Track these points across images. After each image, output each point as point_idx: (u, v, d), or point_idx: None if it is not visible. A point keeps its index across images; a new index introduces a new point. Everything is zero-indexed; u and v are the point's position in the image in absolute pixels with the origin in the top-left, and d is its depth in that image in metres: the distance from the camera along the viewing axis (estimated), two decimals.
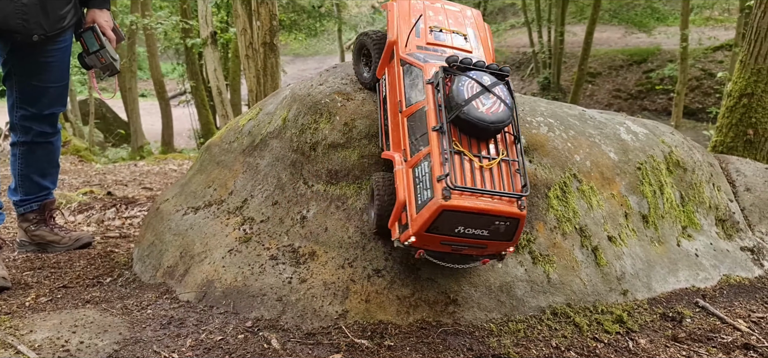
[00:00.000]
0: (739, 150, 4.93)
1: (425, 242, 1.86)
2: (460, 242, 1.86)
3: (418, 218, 1.82)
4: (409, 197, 1.90)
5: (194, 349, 1.91)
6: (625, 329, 2.16)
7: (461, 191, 1.76)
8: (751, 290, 2.57)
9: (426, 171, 1.85)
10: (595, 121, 2.79)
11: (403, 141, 2.03)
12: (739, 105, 4.97)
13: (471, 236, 1.83)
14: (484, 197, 1.79)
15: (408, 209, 1.89)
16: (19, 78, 2.86)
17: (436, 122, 1.87)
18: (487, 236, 1.84)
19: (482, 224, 1.81)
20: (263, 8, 5.74)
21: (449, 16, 2.31)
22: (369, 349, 1.93)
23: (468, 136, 1.90)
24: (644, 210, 2.58)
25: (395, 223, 1.97)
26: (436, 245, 1.87)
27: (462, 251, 1.91)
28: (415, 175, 1.91)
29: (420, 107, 1.97)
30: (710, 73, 20.19)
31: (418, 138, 1.95)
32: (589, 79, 21.59)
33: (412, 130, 1.99)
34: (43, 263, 2.92)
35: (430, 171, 1.83)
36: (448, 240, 1.85)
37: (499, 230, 1.83)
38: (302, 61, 28.17)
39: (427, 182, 1.84)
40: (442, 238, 1.84)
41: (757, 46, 4.84)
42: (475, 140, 1.91)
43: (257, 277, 2.20)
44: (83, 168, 7.45)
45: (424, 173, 1.86)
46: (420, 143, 1.93)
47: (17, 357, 1.80)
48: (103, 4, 2.93)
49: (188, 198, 2.67)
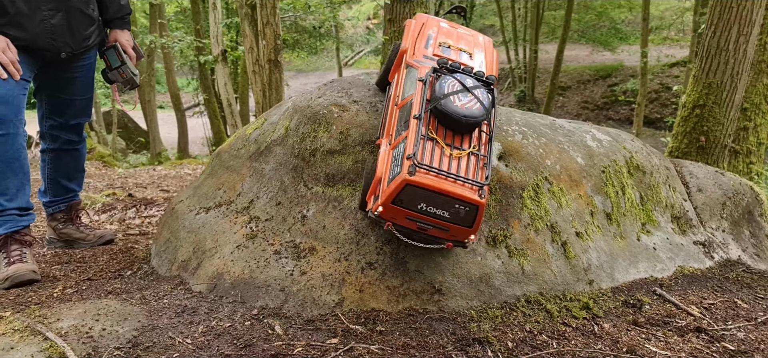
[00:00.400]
0: (693, 155, 4.96)
1: (392, 214, 1.89)
2: (423, 220, 1.88)
3: (387, 189, 1.86)
4: (384, 173, 1.94)
5: (206, 334, 1.90)
6: (591, 315, 2.16)
7: (427, 170, 1.80)
8: (702, 279, 2.58)
9: (401, 151, 1.89)
10: (564, 130, 2.79)
11: (392, 128, 2.07)
12: (693, 115, 5.00)
13: (433, 216, 1.86)
14: (448, 180, 1.82)
15: (382, 184, 1.93)
16: (48, 91, 2.85)
17: (417, 112, 1.93)
18: (449, 218, 1.86)
19: (444, 205, 1.84)
20: (268, 29, 5.73)
21: (461, 38, 2.34)
22: (363, 334, 1.92)
23: (445, 127, 1.95)
24: (608, 209, 2.58)
25: (371, 196, 2.00)
26: (402, 219, 1.90)
27: (426, 230, 1.92)
28: (393, 156, 1.95)
29: (409, 100, 2.02)
30: (667, 87, 20.29)
31: (402, 125, 2.00)
32: (560, 92, 21.66)
33: (400, 119, 2.04)
34: (69, 258, 2.91)
35: (403, 151, 1.87)
36: (411, 215, 1.88)
37: (460, 214, 1.86)
38: (304, 76, 28.15)
39: (399, 160, 1.88)
40: (407, 212, 1.87)
41: (708, 63, 4.87)
42: (451, 132, 1.96)
43: (262, 270, 2.19)
44: (107, 172, 7.42)
45: (399, 154, 1.90)
46: (402, 129, 1.98)
47: (45, 343, 1.78)
48: (124, 24, 2.94)
49: (200, 199, 2.66)
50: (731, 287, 2.55)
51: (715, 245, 2.82)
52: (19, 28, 2.52)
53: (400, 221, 1.92)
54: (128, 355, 1.77)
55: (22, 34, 2.53)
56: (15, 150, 2.51)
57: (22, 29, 2.53)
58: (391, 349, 1.85)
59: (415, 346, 1.87)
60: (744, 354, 2.00)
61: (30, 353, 1.73)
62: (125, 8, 2.93)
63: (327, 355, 1.79)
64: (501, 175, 2.35)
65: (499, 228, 2.27)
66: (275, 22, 5.76)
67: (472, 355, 1.85)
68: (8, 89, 2.46)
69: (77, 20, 2.69)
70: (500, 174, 2.36)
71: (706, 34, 4.90)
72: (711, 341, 2.07)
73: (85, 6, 2.72)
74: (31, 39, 2.57)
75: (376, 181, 1.96)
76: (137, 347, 1.81)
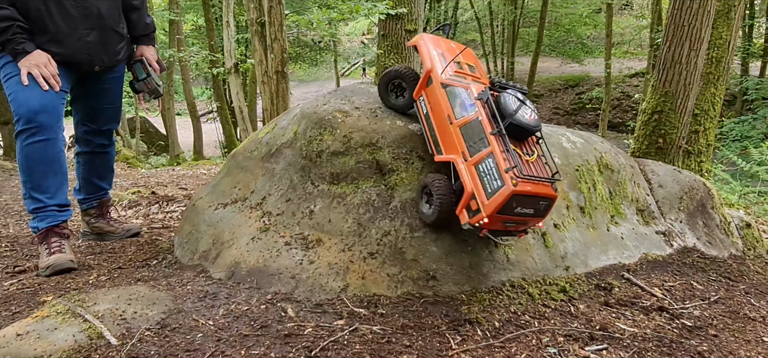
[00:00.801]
0: (652, 155, 4.99)
1: (493, 222, 1.87)
2: (514, 220, 1.89)
3: (491, 202, 1.83)
4: (476, 187, 1.90)
5: (226, 317, 1.90)
6: (567, 297, 2.17)
7: (524, 179, 1.81)
8: (664, 264, 2.59)
9: (491, 165, 1.86)
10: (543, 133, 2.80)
11: (460, 145, 2.01)
12: (652, 120, 5.02)
13: (523, 214, 1.87)
14: (535, 183, 1.83)
15: (477, 197, 1.89)
16: (83, 101, 2.86)
17: (492, 128, 1.91)
18: (532, 213, 1.88)
19: (532, 204, 1.86)
20: (276, 44, 5.69)
21: (463, 53, 2.34)
22: (366, 316, 1.92)
23: (513, 137, 1.94)
24: (581, 203, 2.59)
25: (463, 210, 1.96)
26: (498, 224, 1.89)
27: (511, 228, 1.94)
28: (479, 170, 1.91)
29: (473, 118, 1.98)
30: (628, 95, 20.41)
31: (476, 142, 1.95)
32: (534, 99, 21.72)
33: (469, 137, 1.98)
34: (101, 249, 2.89)
35: (495, 165, 1.85)
36: (508, 219, 1.87)
37: (541, 209, 1.89)
38: (306, 86, 28.11)
39: (495, 174, 1.85)
40: (505, 217, 1.86)
41: (665, 74, 4.89)
42: (517, 141, 1.95)
43: (275, 259, 2.19)
44: (131, 172, 7.37)
45: (489, 168, 1.87)
46: (480, 145, 1.93)
47: (85, 325, 1.77)
48: (150, 41, 2.95)
49: (218, 196, 2.64)
50: (688, 271, 2.56)
51: (674, 235, 2.83)
52: (60, 45, 2.54)
53: (496, 226, 1.90)
54: (158, 335, 1.76)
55: (62, 50, 2.55)
56: (55, 153, 2.52)
57: (62, 46, 2.54)
58: (391, 329, 1.84)
59: (412, 326, 1.87)
60: (700, 329, 2.02)
61: (72, 334, 1.72)
62: (150, 26, 2.94)
63: (334, 335, 1.79)
64: None
65: None
66: (282, 38, 5.72)
67: (463, 334, 1.85)
68: (49, 99, 2.47)
69: (109, 38, 2.70)
70: None
71: (663, 49, 4.93)
72: (672, 318, 2.09)
73: (116, 25, 2.73)
74: (70, 54, 2.58)
75: (468, 195, 1.93)
76: (165, 328, 1.80)
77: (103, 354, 1.64)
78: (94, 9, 2.60)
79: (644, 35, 21.63)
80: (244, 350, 1.70)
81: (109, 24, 2.68)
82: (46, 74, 2.45)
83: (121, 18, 2.78)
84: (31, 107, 2.42)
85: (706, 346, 1.89)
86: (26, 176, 2.52)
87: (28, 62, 2.43)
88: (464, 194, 1.94)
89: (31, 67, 2.43)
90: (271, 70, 5.87)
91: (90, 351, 1.65)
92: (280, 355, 1.67)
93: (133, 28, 2.87)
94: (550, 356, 1.76)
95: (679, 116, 4.91)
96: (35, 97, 2.43)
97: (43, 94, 2.45)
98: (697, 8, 4.63)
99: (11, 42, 2.41)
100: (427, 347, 1.76)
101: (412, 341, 1.78)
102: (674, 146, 5.00)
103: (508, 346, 1.80)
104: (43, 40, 2.50)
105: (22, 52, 2.43)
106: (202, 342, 1.73)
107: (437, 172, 2.16)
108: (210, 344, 1.72)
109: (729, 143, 12.08)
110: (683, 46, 4.74)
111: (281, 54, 5.75)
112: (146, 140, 16.70)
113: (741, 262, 2.80)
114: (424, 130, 2.24)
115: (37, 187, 2.53)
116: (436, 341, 1.80)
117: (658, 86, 4.96)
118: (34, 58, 2.44)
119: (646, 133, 5.08)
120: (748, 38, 16.49)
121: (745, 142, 11.71)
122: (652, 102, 5.03)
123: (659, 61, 5.01)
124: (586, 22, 24.54)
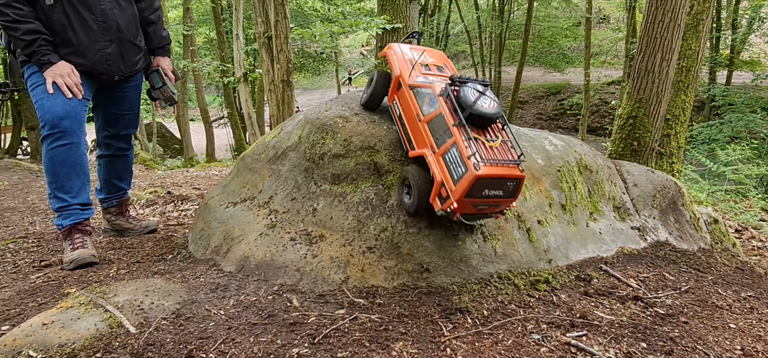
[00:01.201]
0: (628, 157, 4.99)
1: (463, 206, 1.88)
2: (485, 203, 1.90)
3: (457, 188, 1.85)
4: (445, 176, 1.92)
5: (236, 307, 1.89)
6: (550, 288, 2.17)
7: (486, 163, 1.81)
8: (638, 257, 2.59)
9: (456, 154, 1.88)
10: (527, 137, 2.80)
11: (429, 140, 2.04)
12: (627, 124, 5.03)
13: (493, 196, 1.88)
14: (501, 166, 1.85)
15: (446, 185, 1.91)
16: (103, 107, 2.86)
17: (454, 120, 1.92)
18: (502, 195, 1.89)
19: (499, 186, 1.86)
20: (282, 55, 5.68)
21: (431, 55, 2.38)
22: (365, 305, 1.92)
23: (475, 126, 1.95)
24: (563, 201, 2.59)
25: (436, 198, 1.98)
26: (469, 207, 1.90)
27: (485, 210, 1.94)
28: (446, 160, 1.93)
29: (437, 113, 2.00)
30: (606, 101, 20.43)
31: (441, 135, 1.98)
32: (520, 106, 21.74)
33: (434, 131, 2.01)
34: (121, 244, 2.88)
35: (459, 154, 1.86)
36: (477, 202, 1.88)
37: (509, 189, 1.89)
38: (309, 93, 28.05)
39: (459, 162, 1.86)
40: (474, 200, 1.87)
41: (639, 82, 4.90)
42: (479, 129, 1.96)
43: (281, 253, 2.18)
44: (148, 174, 7.35)
45: (454, 157, 1.89)
46: (445, 137, 1.95)
47: (106, 314, 1.76)
48: (165, 52, 2.96)
49: (229, 195, 2.64)
50: (661, 264, 2.56)
51: (648, 230, 2.84)
52: (82, 57, 2.55)
53: (468, 210, 1.92)
54: (173, 323, 1.75)
55: (84, 61, 2.56)
56: (78, 156, 2.52)
57: (84, 57, 2.56)
58: (388, 317, 1.84)
59: (408, 315, 1.87)
60: (671, 316, 2.02)
61: (93, 323, 1.71)
62: (166, 39, 2.93)
63: (335, 323, 1.79)
64: None
65: None
66: (287, 50, 5.71)
67: (454, 322, 1.85)
68: (73, 106, 2.48)
69: (128, 50, 2.70)
70: None
71: (637, 59, 4.94)
72: (646, 307, 2.09)
73: (133, 37, 2.73)
74: (91, 65, 2.59)
75: (438, 184, 1.94)
76: (180, 317, 1.80)
77: (122, 341, 1.64)
78: (113, 23, 2.60)
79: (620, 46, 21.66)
80: (253, 337, 1.69)
81: (127, 37, 2.68)
82: (69, 83, 2.46)
83: (138, 31, 2.77)
84: (55, 114, 2.42)
85: (678, 332, 1.90)
86: (51, 177, 2.52)
87: (53, 72, 2.44)
88: (435, 183, 1.96)
89: (55, 76, 2.44)
90: (277, 79, 5.86)
91: (111, 339, 1.65)
92: (286, 342, 1.67)
93: (150, 41, 2.87)
94: (535, 342, 1.76)
95: (652, 121, 4.92)
96: (59, 104, 2.43)
97: (67, 102, 2.45)
98: (669, 22, 4.64)
99: (37, 53, 2.43)
100: (421, 333, 1.76)
101: (408, 328, 1.78)
102: (648, 149, 5.01)
103: (495, 333, 1.80)
104: (67, 51, 2.51)
105: (47, 62, 2.44)
106: (214, 330, 1.72)
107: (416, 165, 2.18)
108: (221, 331, 1.72)
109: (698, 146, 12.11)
110: (656, 57, 4.75)
111: (287, 64, 5.74)
112: (162, 144, 16.66)
113: (709, 255, 2.81)
114: (399, 130, 2.28)
115: (61, 187, 2.54)
116: (429, 328, 1.80)
117: (632, 93, 4.97)
118: (59, 68, 2.45)
119: (622, 136, 5.09)
120: (715, 49, 16.52)
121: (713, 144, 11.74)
122: (627, 108, 5.04)
123: (634, 70, 5.01)
124: (566, 35, 24.56)
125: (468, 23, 23.37)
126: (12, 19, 2.36)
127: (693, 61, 5.42)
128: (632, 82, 5.00)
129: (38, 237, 3.09)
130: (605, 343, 1.78)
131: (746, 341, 1.89)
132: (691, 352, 1.78)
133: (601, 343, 1.78)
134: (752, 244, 3.74)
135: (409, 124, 2.18)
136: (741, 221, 4.50)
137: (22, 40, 2.40)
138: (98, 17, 2.55)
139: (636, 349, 1.76)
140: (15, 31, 2.38)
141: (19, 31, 2.38)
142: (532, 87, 23.54)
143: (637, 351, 1.74)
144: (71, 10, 2.47)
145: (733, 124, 13.18)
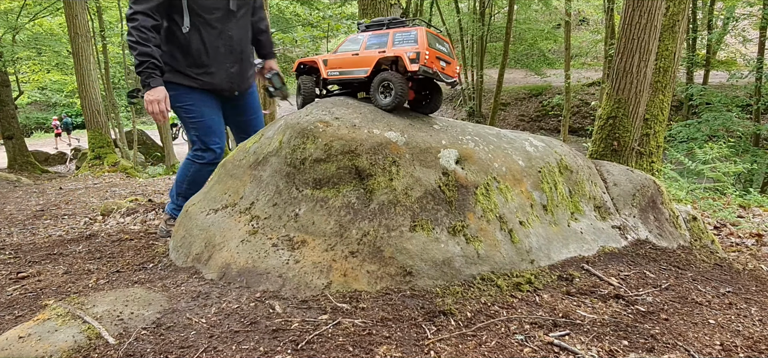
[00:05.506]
0: (608, 157, 5.06)
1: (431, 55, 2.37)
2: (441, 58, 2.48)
3: (420, 41, 2.38)
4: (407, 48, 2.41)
5: (217, 315, 1.87)
6: (533, 288, 2.18)
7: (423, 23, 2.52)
8: (619, 256, 2.62)
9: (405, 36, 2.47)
10: (508, 138, 2.82)
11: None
12: (607, 125, 5.09)
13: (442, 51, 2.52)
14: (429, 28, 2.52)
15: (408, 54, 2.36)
16: (233, 118, 3.28)
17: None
18: (445, 50, 2.57)
19: (441, 42, 2.56)
20: None
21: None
22: (348, 310, 1.91)
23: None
24: (544, 201, 2.61)
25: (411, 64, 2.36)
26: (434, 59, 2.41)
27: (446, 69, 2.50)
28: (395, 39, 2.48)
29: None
30: (586, 102, 20.69)
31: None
32: (502, 107, 21.91)
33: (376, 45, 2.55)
34: (101, 254, 2.83)
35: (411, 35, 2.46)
36: (436, 53, 2.43)
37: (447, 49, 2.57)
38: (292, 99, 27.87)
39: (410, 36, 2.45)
40: (434, 52, 2.41)
41: (618, 83, 4.97)
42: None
43: (263, 260, 2.16)
44: (129, 182, 7.24)
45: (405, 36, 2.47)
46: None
47: (84, 326, 1.73)
48: (274, 55, 3.42)
49: (210, 202, 2.61)
50: (641, 262, 2.59)
51: (628, 228, 2.87)
52: (211, 76, 2.98)
53: (435, 64, 2.42)
54: (153, 333, 1.72)
55: (212, 80, 2.98)
56: (209, 175, 2.89)
57: (212, 77, 2.98)
58: (371, 322, 1.83)
59: (391, 319, 1.86)
60: (652, 314, 2.04)
61: (71, 335, 1.68)
62: (273, 44, 3.42)
63: (319, 329, 1.77)
64: (458, 176, 2.36)
65: (457, 220, 2.27)
66: None
67: (438, 324, 1.85)
68: (220, 124, 3.03)
69: (245, 67, 3.13)
70: (457, 175, 2.36)
71: (615, 61, 5.01)
72: (627, 304, 2.11)
73: (249, 58, 3.17)
74: (218, 83, 3.01)
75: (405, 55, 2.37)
76: (160, 327, 1.77)
77: (101, 353, 1.61)
78: (237, 47, 3.02)
79: (599, 48, 21.97)
80: (235, 345, 1.67)
81: (246, 57, 3.11)
82: (155, 110, 2.76)
83: (252, 49, 3.20)
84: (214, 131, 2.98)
85: (659, 329, 1.92)
86: (185, 187, 3.03)
87: (150, 95, 2.75)
88: (401, 60, 2.37)
89: (151, 101, 2.75)
90: (258, 85, 5.82)
91: (89, 351, 1.62)
92: (269, 349, 1.65)
93: (263, 47, 3.33)
94: (518, 343, 1.77)
95: (631, 121, 4.99)
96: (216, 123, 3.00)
97: (216, 121, 2.99)
98: (646, 23, 4.72)
99: (143, 74, 2.76)
100: (405, 337, 1.75)
101: (391, 332, 1.78)
102: (627, 148, 5.08)
103: (479, 334, 1.80)
104: (199, 72, 2.93)
105: (148, 85, 2.76)
106: (196, 339, 1.70)
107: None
108: (203, 340, 1.69)
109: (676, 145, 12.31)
110: (634, 58, 4.83)
111: None
112: (143, 151, 16.45)
113: (688, 252, 2.85)
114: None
115: (185, 195, 3.03)
116: (413, 331, 1.79)
117: (612, 94, 5.04)
118: (155, 93, 2.76)
119: (602, 136, 5.16)
120: (691, 49, 16.84)
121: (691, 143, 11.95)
122: (606, 108, 5.11)
123: (612, 71, 5.09)
124: (547, 37, 24.82)
125: (449, 26, 23.50)
126: (135, 39, 2.71)
127: (670, 62, 5.52)
128: (611, 83, 5.07)
129: (15, 249, 3.03)
130: (587, 342, 1.79)
131: (725, 336, 1.92)
132: (671, 348, 1.80)
133: (583, 342, 1.79)
134: (730, 240, 3.81)
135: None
136: (719, 218, 4.58)
137: (137, 59, 2.74)
138: (226, 42, 2.96)
139: (618, 347, 1.77)
140: (134, 50, 2.73)
141: (136, 51, 2.72)
142: (514, 89, 23.75)
143: (618, 349, 1.76)
144: (206, 35, 2.89)
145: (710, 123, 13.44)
